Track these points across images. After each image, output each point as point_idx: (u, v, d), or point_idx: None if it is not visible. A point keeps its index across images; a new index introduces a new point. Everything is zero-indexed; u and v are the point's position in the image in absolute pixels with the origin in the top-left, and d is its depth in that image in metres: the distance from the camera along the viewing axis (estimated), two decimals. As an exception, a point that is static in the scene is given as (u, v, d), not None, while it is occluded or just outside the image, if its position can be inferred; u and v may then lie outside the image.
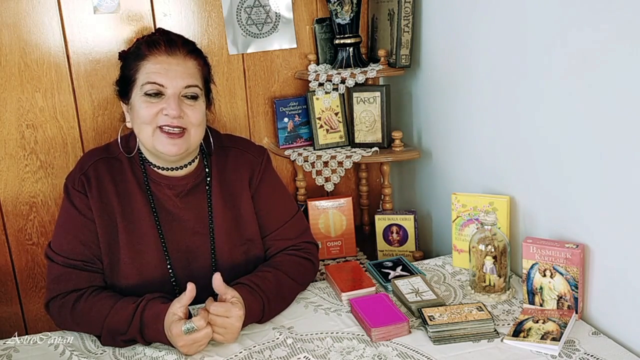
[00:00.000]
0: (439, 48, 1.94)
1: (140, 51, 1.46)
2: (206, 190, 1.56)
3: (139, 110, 1.44)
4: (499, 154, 1.68)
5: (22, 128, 1.97)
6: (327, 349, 1.34)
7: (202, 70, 1.50)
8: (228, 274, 1.55)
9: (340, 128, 2.17)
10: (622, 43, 1.22)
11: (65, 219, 1.51)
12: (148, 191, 1.52)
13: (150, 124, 1.43)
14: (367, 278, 1.62)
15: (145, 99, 1.43)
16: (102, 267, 1.49)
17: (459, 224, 1.70)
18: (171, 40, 1.47)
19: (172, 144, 1.44)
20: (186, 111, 1.44)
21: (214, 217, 1.55)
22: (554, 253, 1.40)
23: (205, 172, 1.57)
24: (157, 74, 1.42)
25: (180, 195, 1.54)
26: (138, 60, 1.45)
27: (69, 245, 1.48)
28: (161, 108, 1.42)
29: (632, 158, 1.23)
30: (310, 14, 2.19)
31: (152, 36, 1.49)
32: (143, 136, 1.46)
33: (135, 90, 1.45)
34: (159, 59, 1.43)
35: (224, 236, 1.55)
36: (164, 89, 1.42)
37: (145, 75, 1.43)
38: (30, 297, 2.10)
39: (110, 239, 1.49)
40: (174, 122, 1.42)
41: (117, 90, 1.53)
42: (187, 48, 1.48)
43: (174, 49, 1.45)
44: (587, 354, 1.27)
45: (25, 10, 1.91)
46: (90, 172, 1.50)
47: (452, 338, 1.34)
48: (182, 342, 1.31)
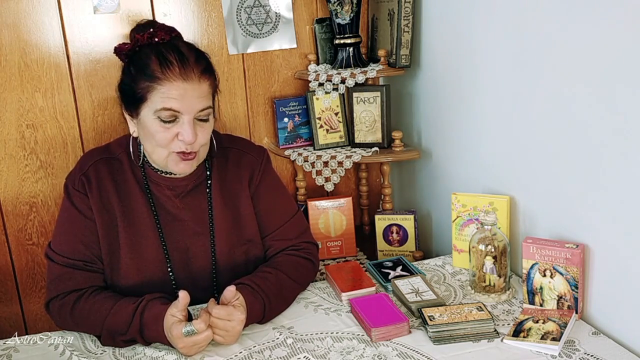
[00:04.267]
0: (439, 48, 1.94)
1: (150, 69, 1.37)
2: (206, 190, 1.56)
3: (154, 134, 1.40)
4: (499, 154, 1.68)
5: (22, 128, 1.97)
6: (327, 349, 1.34)
7: (213, 88, 1.46)
8: (228, 274, 1.55)
9: (340, 128, 2.17)
10: (623, 43, 1.22)
11: (66, 219, 1.50)
12: (148, 192, 1.52)
13: (166, 148, 1.42)
14: (367, 278, 1.62)
15: (160, 124, 1.39)
16: (102, 267, 1.49)
17: (459, 224, 1.70)
18: (184, 58, 1.38)
19: (185, 165, 1.45)
20: (199, 134, 1.41)
21: (214, 217, 1.55)
22: (554, 253, 1.40)
23: (206, 173, 1.56)
24: (173, 100, 1.36)
25: (181, 195, 1.53)
26: (150, 81, 1.37)
27: (69, 245, 1.48)
28: (176, 133, 1.40)
29: (632, 158, 1.23)
30: (310, 14, 2.19)
31: (160, 48, 1.40)
32: (156, 156, 1.45)
33: (146, 109, 1.40)
34: (174, 85, 1.36)
35: (224, 236, 1.55)
36: (179, 115, 1.38)
37: (160, 101, 1.37)
38: (30, 297, 2.10)
39: (111, 238, 1.49)
40: (188, 148, 1.41)
41: (121, 98, 1.47)
42: (200, 67, 1.40)
43: (188, 72, 1.37)
44: (587, 354, 1.27)
45: (25, 10, 1.91)
46: (90, 172, 1.50)
47: (452, 338, 1.34)
48: (182, 344, 1.31)
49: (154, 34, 1.42)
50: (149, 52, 1.40)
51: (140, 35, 1.42)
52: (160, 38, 1.41)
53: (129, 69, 1.43)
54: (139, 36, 1.42)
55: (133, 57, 1.42)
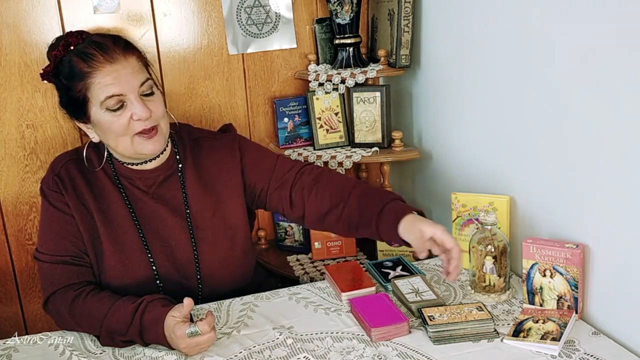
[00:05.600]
0: (439, 48, 1.94)
1: (77, 70, 1.40)
2: (179, 179, 1.57)
3: (110, 126, 1.42)
4: (499, 154, 1.68)
5: (22, 128, 1.97)
6: (327, 349, 1.34)
7: (143, 60, 1.48)
8: (211, 258, 1.56)
9: (340, 128, 2.17)
10: (624, 42, 1.22)
11: (47, 220, 1.53)
12: (120, 186, 1.54)
13: (126, 134, 1.43)
14: (367, 278, 1.62)
15: (111, 114, 1.41)
16: (89, 262, 1.50)
17: (459, 224, 1.70)
18: (102, 45, 1.41)
19: (152, 143, 1.45)
20: (151, 108, 1.43)
21: (190, 205, 1.56)
22: (554, 253, 1.40)
23: (177, 164, 1.57)
24: (110, 85, 1.38)
25: (153, 187, 1.55)
26: (81, 80, 1.39)
27: (53, 243, 1.50)
28: (129, 115, 1.41)
29: (633, 158, 1.23)
30: (310, 14, 2.19)
31: (78, 49, 1.42)
32: (122, 147, 1.46)
33: (93, 108, 1.42)
34: (103, 71, 1.38)
35: (205, 224, 1.56)
36: (124, 97, 1.40)
37: (100, 92, 1.39)
38: (30, 297, 2.10)
39: (92, 234, 1.50)
40: (147, 124, 1.43)
41: (68, 113, 1.49)
42: (121, 46, 1.43)
43: (111, 54, 1.40)
44: (587, 354, 1.27)
45: (25, 10, 1.91)
46: (62, 173, 1.52)
47: (452, 338, 1.34)
48: (185, 344, 1.32)
49: (68, 42, 1.44)
50: (70, 58, 1.42)
51: (56, 50, 1.44)
52: (74, 43, 1.43)
53: (60, 82, 1.45)
54: (55, 52, 1.45)
55: (59, 71, 1.44)
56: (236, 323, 1.47)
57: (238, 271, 1.62)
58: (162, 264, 1.53)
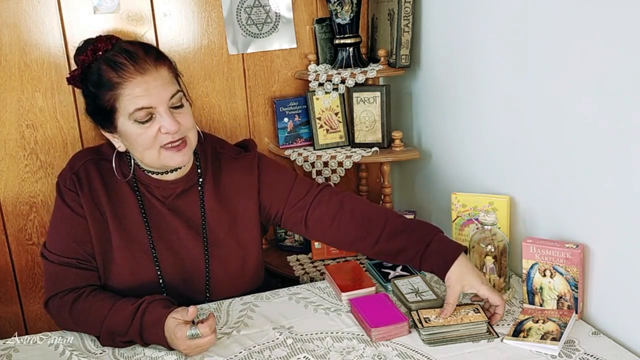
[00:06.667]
0: (439, 48, 1.94)
1: (106, 79, 1.37)
2: (199, 193, 1.55)
3: (137, 138, 1.40)
4: (499, 154, 1.68)
5: (22, 128, 1.97)
6: (327, 349, 1.34)
7: (174, 71, 1.45)
8: (222, 275, 1.55)
9: (340, 128, 2.17)
10: (624, 42, 1.22)
11: (59, 218, 1.51)
12: (138, 193, 1.52)
13: (153, 146, 1.41)
14: (367, 278, 1.62)
15: (139, 126, 1.39)
16: (96, 266, 1.49)
17: (459, 224, 1.70)
18: (133, 55, 1.38)
19: (180, 156, 1.44)
20: (180, 120, 1.41)
21: (208, 220, 1.54)
22: (554, 253, 1.40)
23: (197, 177, 1.56)
24: (141, 97, 1.36)
25: (170, 198, 1.53)
26: (110, 90, 1.37)
27: (62, 243, 1.48)
28: (158, 128, 1.39)
29: (633, 158, 1.23)
30: (310, 14, 2.19)
31: (107, 56, 1.39)
32: (148, 159, 1.44)
33: (120, 119, 1.40)
34: (134, 82, 1.36)
35: (219, 239, 1.55)
36: (153, 109, 1.38)
37: (129, 104, 1.36)
38: (30, 297, 2.10)
39: (103, 238, 1.49)
40: (175, 136, 1.41)
41: (94, 121, 1.47)
42: (152, 57, 1.40)
43: (142, 64, 1.37)
44: (587, 354, 1.27)
45: (25, 10, 1.91)
46: (81, 172, 1.50)
47: (445, 340, 1.34)
48: (185, 346, 1.32)
49: (96, 47, 1.41)
50: (99, 65, 1.39)
51: (84, 55, 1.42)
52: (103, 49, 1.40)
53: (88, 90, 1.43)
54: (83, 57, 1.42)
55: (87, 78, 1.42)
56: (236, 323, 1.47)
57: (246, 288, 1.62)
58: (170, 274, 1.52)
